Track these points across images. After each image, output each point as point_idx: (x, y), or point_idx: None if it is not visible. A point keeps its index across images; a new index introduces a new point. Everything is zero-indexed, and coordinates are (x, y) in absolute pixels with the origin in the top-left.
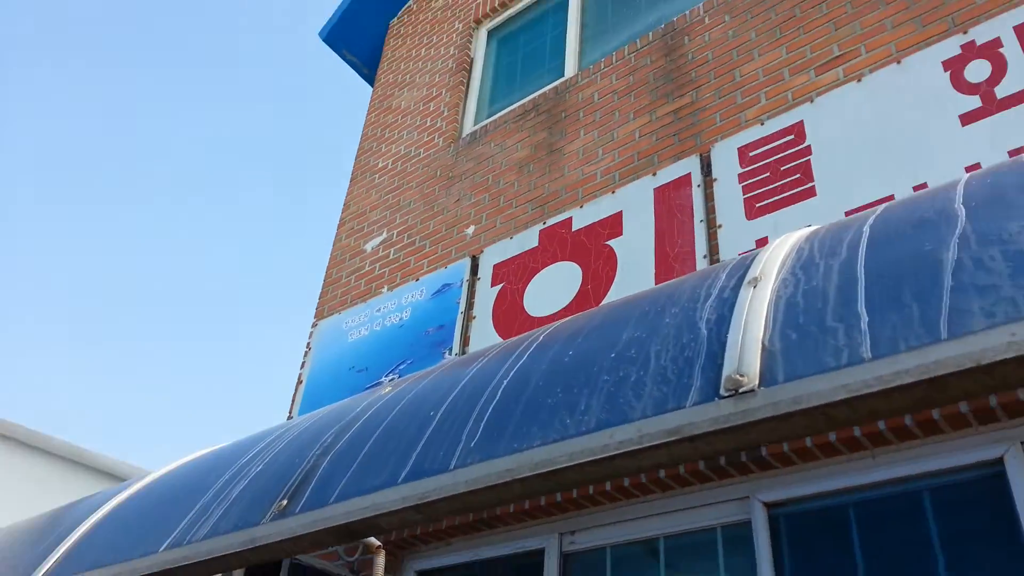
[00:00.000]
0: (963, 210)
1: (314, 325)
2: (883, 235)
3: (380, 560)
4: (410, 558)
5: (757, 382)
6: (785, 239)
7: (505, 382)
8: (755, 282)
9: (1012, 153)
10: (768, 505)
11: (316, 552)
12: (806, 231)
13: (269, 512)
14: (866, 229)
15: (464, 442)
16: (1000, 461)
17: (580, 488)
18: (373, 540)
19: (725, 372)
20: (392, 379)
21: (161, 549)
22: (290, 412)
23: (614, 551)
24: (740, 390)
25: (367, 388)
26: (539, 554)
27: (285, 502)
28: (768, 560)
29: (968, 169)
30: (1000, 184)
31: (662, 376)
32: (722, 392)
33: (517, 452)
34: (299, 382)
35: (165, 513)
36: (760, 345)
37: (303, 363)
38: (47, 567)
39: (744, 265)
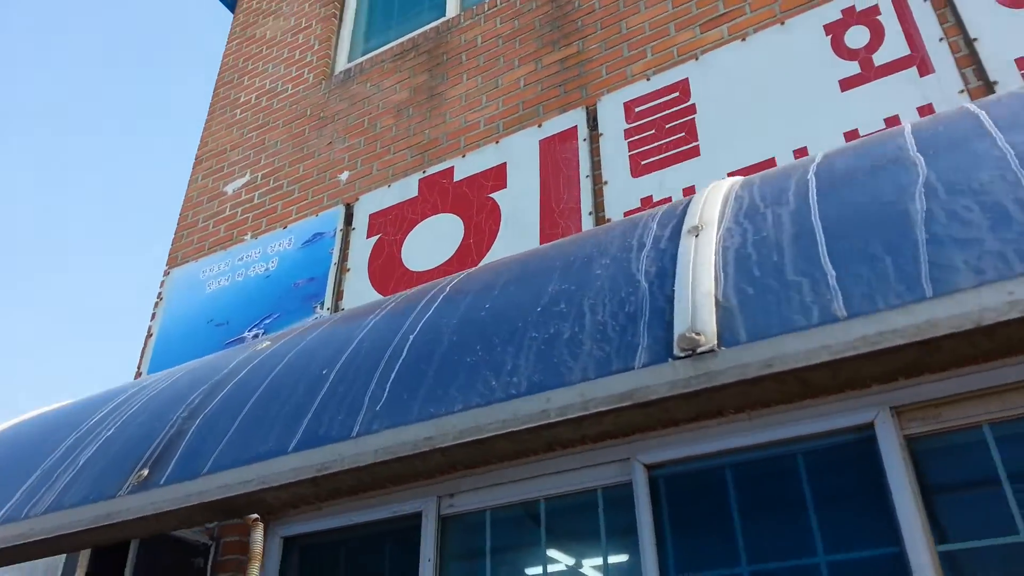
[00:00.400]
0: (921, 158)
1: (166, 273)
2: (832, 184)
3: (258, 535)
4: (276, 523)
5: (716, 342)
6: (716, 187)
7: (412, 337)
8: (696, 231)
9: (888, 121)
10: (648, 467)
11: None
12: (737, 179)
13: (127, 483)
14: (811, 177)
15: (368, 405)
16: (870, 426)
17: (511, 459)
18: (252, 515)
19: (677, 330)
20: (256, 334)
21: None
22: (138, 369)
23: (494, 514)
24: (698, 350)
25: (228, 343)
26: (416, 518)
27: (146, 472)
28: (649, 522)
29: (846, 135)
30: (956, 131)
31: (601, 334)
32: (676, 352)
33: (435, 417)
34: (148, 335)
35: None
36: (713, 300)
37: (153, 314)
38: None
39: (675, 213)
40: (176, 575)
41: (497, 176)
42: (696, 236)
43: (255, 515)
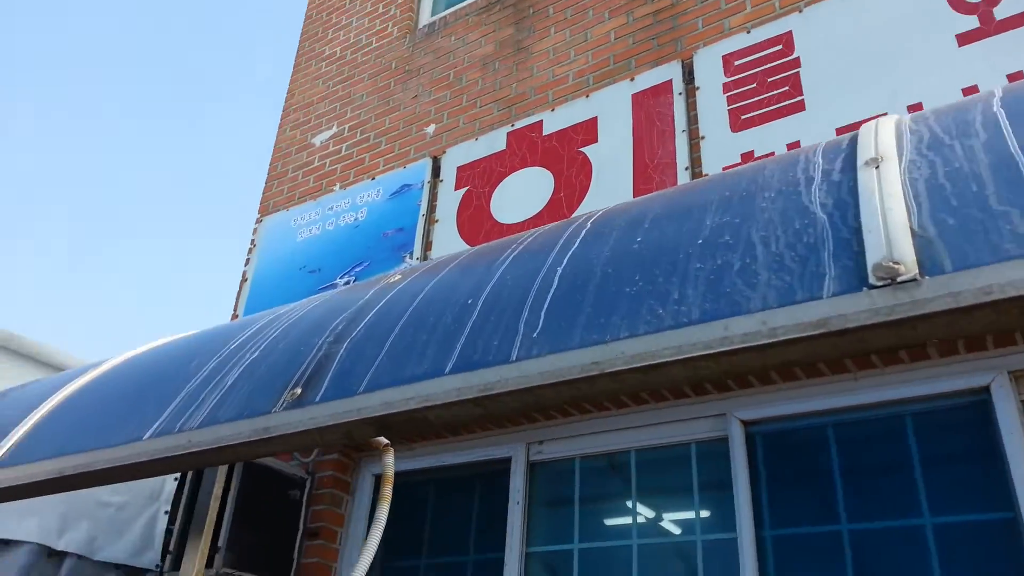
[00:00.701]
0: None
1: (258, 221)
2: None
3: (389, 459)
4: (368, 461)
5: (917, 271)
6: (882, 123)
7: (560, 269)
8: (875, 163)
9: (1010, 77)
10: (746, 423)
11: (328, 448)
12: (902, 116)
13: (280, 401)
14: (998, 110)
15: (524, 332)
16: (986, 389)
17: (675, 385)
18: (381, 439)
19: (871, 260)
20: (347, 281)
21: (146, 436)
22: (235, 311)
23: (583, 462)
24: (898, 279)
25: (320, 289)
26: (505, 463)
27: (299, 391)
28: (745, 477)
29: (965, 92)
30: None
31: (778, 264)
32: (873, 282)
33: (600, 344)
34: (244, 280)
35: (140, 400)
36: (908, 230)
37: (247, 260)
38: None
39: (840, 148)
40: (274, 505)
41: (588, 130)
42: (876, 168)
43: (386, 440)
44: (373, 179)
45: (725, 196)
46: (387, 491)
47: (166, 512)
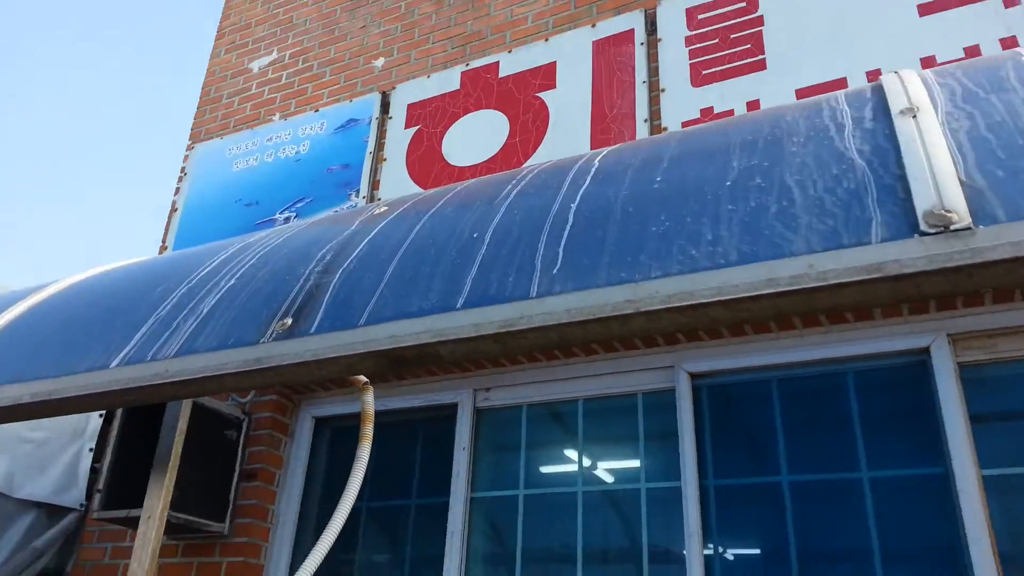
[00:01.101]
0: None
1: (190, 148)
2: None
3: (369, 398)
4: (308, 403)
5: (970, 220)
6: (898, 76)
7: (573, 206)
8: (911, 112)
9: (968, 51)
10: (693, 375)
11: (315, 382)
12: (923, 71)
13: (269, 332)
14: None
15: (541, 268)
16: (926, 350)
17: (715, 328)
18: (360, 377)
19: (921, 207)
20: (288, 217)
21: (113, 364)
22: (163, 242)
23: (530, 410)
24: (951, 227)
25: (260, 224)
26: (452, 408)
27: (289, 321)
28: (690, 428)
29: (923, 62)
30: None
31: (819, 208)
32: (924, 228)
33: (629, 283)
34: (173, 209)
35: (101, 326)
36: (956, 180)
37: (177, 189)
38: None
39: (866, 98)
40: (209, 445)
41: (546, 75)
42: (914, 118)
43: (365, 379)
44: (316, 111)
45: (748, 140)
46: (368, 430)
47: (90, 450)
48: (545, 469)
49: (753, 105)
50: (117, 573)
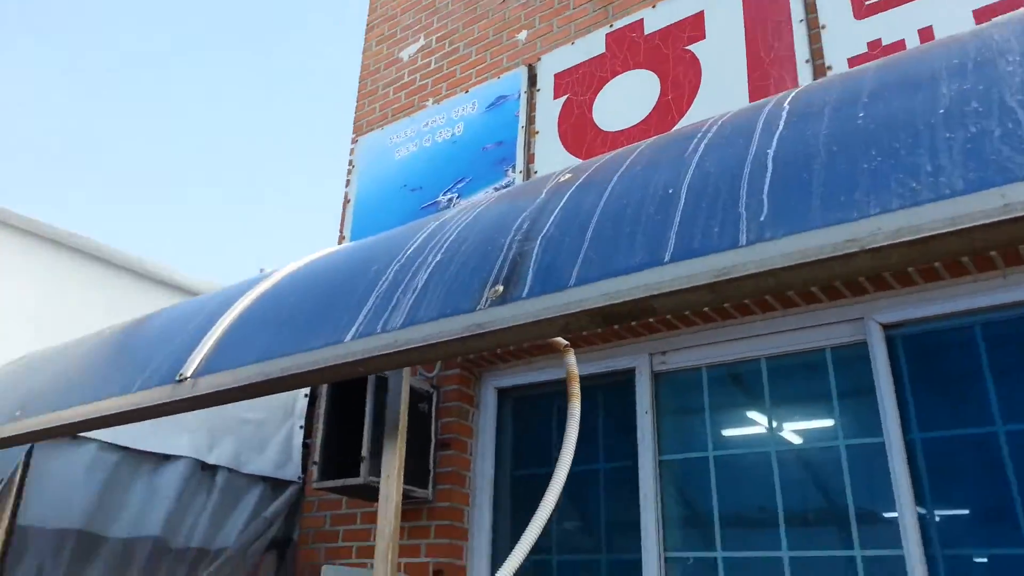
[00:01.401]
0: None
1: (354, 141)
2: None
3: (571, 359)
4: (490, 375)
5: None
6: None
7: (770, 152)
8: None
9: None
10: (886, 326)
11: (529, 345)
12: None
13: (483, 299)
14: None
15: (746, 217)
16: None
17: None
18: (560, 340)
19: None
20: (450, 198)
21: (347, 339)
22: (340, 233)
23: (710, 371)
24: None
25: (425, 207)
26: (629, 373)
27: (500, 288)
28: (888, 381)
29: None
30: None
31: None
32: None
33: (848, 222)
34: (346, 201)
35: (326, 307)
36: None
37: (348, 181)
38: (198, 359)
39: None
40: (408, 418)
41: (694, 26)
42: None
43: (566, 342)
44: (467, 92)
45: (955, 64)
46: (575, 388)
47: (300, 427)
48: (733, 430)
49: (926, 33)
50: (337, 539)
